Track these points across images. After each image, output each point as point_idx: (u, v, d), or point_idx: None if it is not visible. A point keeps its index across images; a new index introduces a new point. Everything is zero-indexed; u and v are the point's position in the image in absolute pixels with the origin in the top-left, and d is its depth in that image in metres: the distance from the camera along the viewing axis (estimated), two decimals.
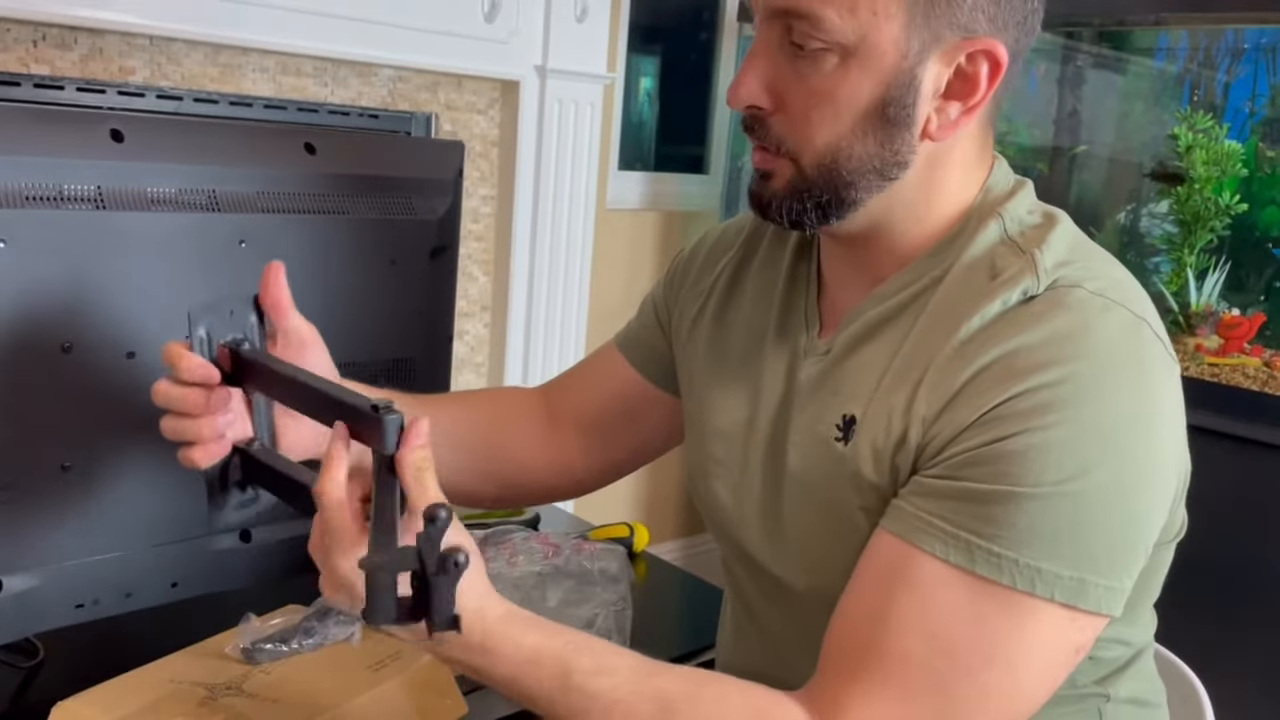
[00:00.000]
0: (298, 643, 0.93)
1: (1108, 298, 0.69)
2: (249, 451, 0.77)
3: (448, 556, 0.58)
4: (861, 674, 0.66)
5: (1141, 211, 2.22)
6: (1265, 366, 1.81)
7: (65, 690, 0.84)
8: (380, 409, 0.64)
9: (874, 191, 0.72)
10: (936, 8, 0.67)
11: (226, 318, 0.76)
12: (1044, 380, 0.65)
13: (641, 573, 1.31)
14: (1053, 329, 0.67)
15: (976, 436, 0.66)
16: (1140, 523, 0.68)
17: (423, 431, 0.65)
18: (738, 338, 0.87)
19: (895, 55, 0.68)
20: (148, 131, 0.88)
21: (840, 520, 0.73)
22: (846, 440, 0.73)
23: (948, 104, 0.71)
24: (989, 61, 0.69)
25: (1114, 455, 0.65)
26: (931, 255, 0.75)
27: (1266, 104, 2.05)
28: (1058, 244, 0.72)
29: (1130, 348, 0.68)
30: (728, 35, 2.47)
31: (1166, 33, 2.18)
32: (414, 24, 1.73)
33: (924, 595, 0.66)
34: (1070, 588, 0.65)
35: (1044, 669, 0.67)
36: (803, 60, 0.69)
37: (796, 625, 0.79)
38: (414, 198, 1.04)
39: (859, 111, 0.70)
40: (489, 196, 2.01)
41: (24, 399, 0.81)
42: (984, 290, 0.70)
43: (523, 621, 0.68)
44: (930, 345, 0.70)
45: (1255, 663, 1.69)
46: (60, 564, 0.86)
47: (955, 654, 0.65)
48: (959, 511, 0.66)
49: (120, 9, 1.43)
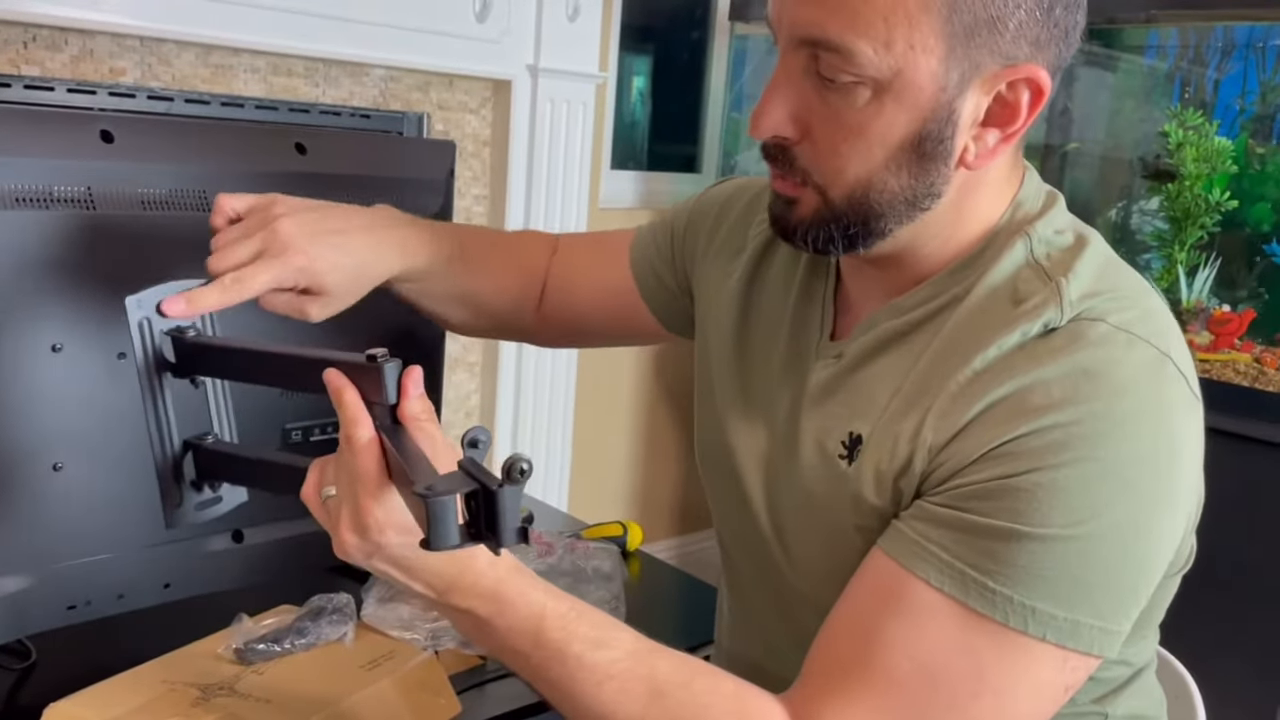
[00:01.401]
0: (290, 643, 0.93)
1: (1132, 333, 0.66)
2: (204, 446, 0.74)
3: (513, 465, 0.56)
4: (843, 688, 0.66)
5: (1133, 208, 2.22)
6: (1256, 362, 1.81)
7: (58, 692, 0.84)
8: (379, 358, 0.63)
9: (905, 221, 0.69)
10: (977, 38, 0.63)
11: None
12: (1058, 420, 0.63)
13: (635, 571, 1.31)
14: (1071, 365, 0.64)
15: (984, 470, 0.64)
16: (1144, 567, 0.66)
17: (418, 380, 0.65)
18: (759, 329, 0.84)
19: (933, 89, 0.64)
20: (138, 132, 0.88)
21: (837, 535, 0.73)
22: (851, 460, 0.72)
23: (986, 131, 0.67)
24: (1030, 88, 0.66)
25: (1124, 500, 0.63)
26: (954, 273, 0.72)
27: (1257, 101, 2.06)
28: (1085, 271, 0.68)
29: (1151, 387, 0.65)
30: (720, 34, 2.48)
31: (1157, 30, 2.18)
32: (405, 24, 1.73)
33: (915, 621, 0.65)
34: (1064, 629, 0.63)
35: (1031, 707, 0.66)
36: (832, 92, 0.65)
37: (791, 624, 0.79)
38: (405, 198, 1.04)
39: (893, 147, 0.66)
40: (482, 196, 2.01)
41: (14, 399, 0.81)
42: (1005, 318, 0.67)
43: (531, 577, 0.68)
44: (944, 371, 0.68)
45: (1247, 657, 1.69)
46: (52, 565, 0.86)
47: (940, 683, 0.64)
48: (959, 542, 0.64)
49: (111, 10, 1.42)
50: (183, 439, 0.76)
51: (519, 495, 0.57)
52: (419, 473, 0.59)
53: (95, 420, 0.84)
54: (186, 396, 0.77)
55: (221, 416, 0.77)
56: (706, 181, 2.51)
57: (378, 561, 0.65)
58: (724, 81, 2.50)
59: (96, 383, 0.83)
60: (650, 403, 2.51)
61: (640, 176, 2.41)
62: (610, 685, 0.66)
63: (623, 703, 0.66)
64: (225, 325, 0.79)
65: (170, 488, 0.74)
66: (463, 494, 0.57)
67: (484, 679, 0.99)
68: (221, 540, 0.95)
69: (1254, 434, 1.69)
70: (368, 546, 0.63)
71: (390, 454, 0.62)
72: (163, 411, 0.76)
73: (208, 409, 0.76)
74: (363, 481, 0.62)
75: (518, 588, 0.67)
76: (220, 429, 0.77)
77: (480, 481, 0.57)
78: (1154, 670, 0.84)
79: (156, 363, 0.75)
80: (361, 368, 0.65)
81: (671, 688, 0.67)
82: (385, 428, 0.63)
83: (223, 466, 0.76)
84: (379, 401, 0.64)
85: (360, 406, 0.64)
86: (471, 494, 0.57)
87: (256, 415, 0.90)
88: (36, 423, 0.82)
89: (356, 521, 0.63)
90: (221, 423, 0.77)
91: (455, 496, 0.57)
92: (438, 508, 0.56)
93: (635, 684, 0.66)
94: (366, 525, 0.62)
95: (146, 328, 0.73)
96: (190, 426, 0.77)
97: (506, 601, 0.66)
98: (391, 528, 0.62)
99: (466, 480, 0.57)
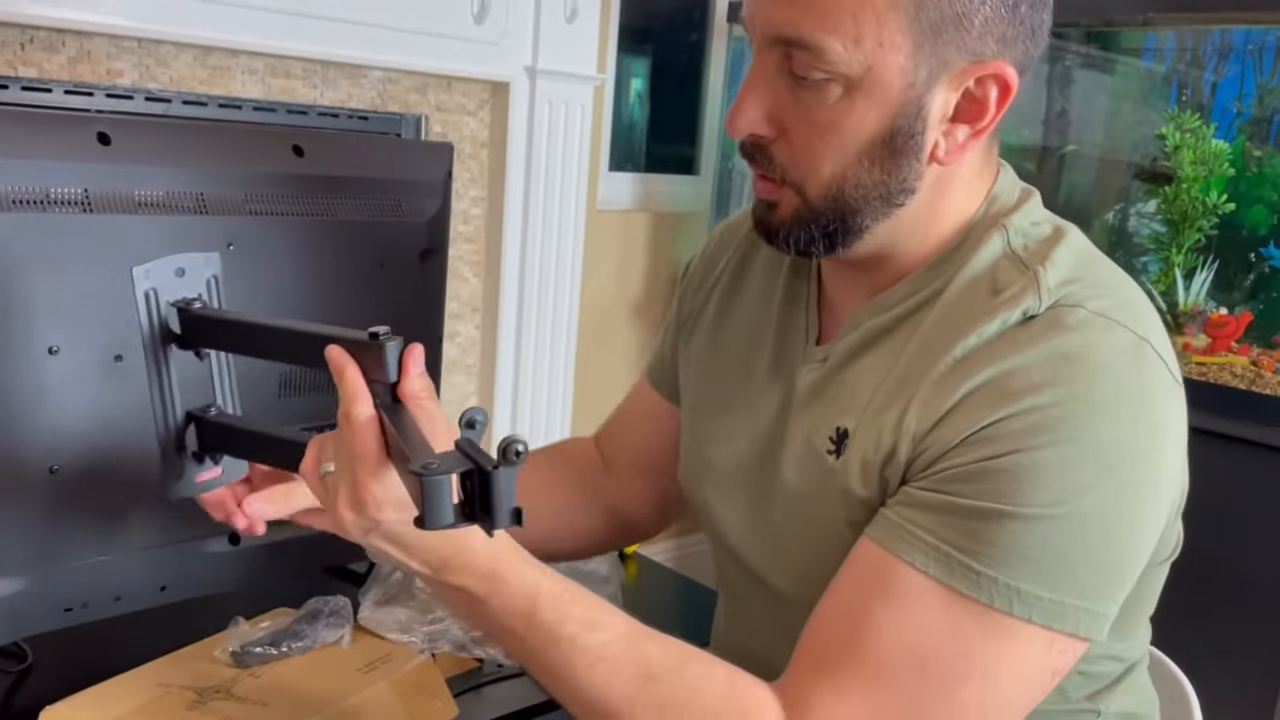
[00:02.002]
0: (287, 646, 0.93)
1: (1109, 318, 0.67)
2: (206, 418, 0.74)
3: (509, 446, 0.56)
4: (834, 673, 0.66)
5: (1130, 211, 2.22)
6: (1252, 365, 1.82)
7: (54, 695, 0.84)
8: (381, 336, 0.63)
9: (881, 218, 0.71)
10: (944, 34, 0.65)
11: (174, 278, 0.74)
12: (1038, 402, 0.64)
13: (632, 574, 1.31)
14: (1050, 350, 0.65)
15: (966, 454, 0.65)
16: (1129, 549, 0.67)
17: (419, 358, 0.65)
18: (737, 340, 0.86)
19: (902, 85, 0.66)
20: (135, 134, 0.88)
21: (827, 531, 0.73)
22: (839, 454, 0.73)
23: (956, 127, 0.69)
24: (998, 85, 0.67)
25: (1107, 480, 0.64)
26: (932, 268, 0.73)
27: (1254, 104, 2.06)
28: (1063, 260, 0.70)
29: (1130, 370, 0.66)
30: (718, 36, 2.48)
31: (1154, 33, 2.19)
32: (403, 25, 1.73)
33: (902, 604, 0.65)
34: (1049, 610, 0.64)
35: (1019, 689, 0.66)
36: (804, 90, 0.67)
37: (782, 624, 0.79)
38: (403, 199, 1.04)
39: (865, 142, 0.68)
40: (479, 198, 2.01)
41: (11, 402, 0.81)
42: (984, 308, 0.68)
43: (527, 556, 0.68)
44: (925, 361, 0.69)
45: (1243, 661, 1.69)
46: (48, 568, 0.85)
47: (928, 665, 0.65)
48: (944, 525, 0.65)
49: (108, 11, 1.42)
50: (185, 410, 0.76)
51: (514, 476, 0.57)
52: (416, 451, 0.59)
53: (92, 423, 0.84)
54: (191, 368, 0.77)
55: (225, 389, 0.77)
56: (705, 184, 2.52)
57: (374, 538, 0.65)
58: (722, 83, 2.50)
59: (93, 385, 0.83)
60: None
61: (638, 178, 2.41)
62: (602, 667, 0.66)
63: (614, 685, 0.66)
64: (230, 300, 0.79)
65: (171, 458, 0.74)
66: (458, 473, 0.57)
67: (481, 682, 0.99)
68: (218, 542, 0.95)
69: (1251, 437, 1.69)
70: (365, 523, 0.64)
71: (389, 432, 0.62)
72: (166, 382, 0.76)
73: (212, 381, 0.76)
74: (361, 459, 0.63)
75: (513, 566, 0.67)
76: (223, 401, 0.77)
77: (476, 462, 0.57)
78: (1146, 667, 0.84)
79: (161, 334, 0.75)
80: (363, 345, 0.64)
81: (663, 671, 0.67)
82: (385, 405, 0.63)
83: (224, 439, 0.76)
84: (380, 379, 0.64)
85: (361, 383, 0.64)
86: (467, 474, 0.57)
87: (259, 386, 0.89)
88: (33, 425, 0.82)
89: (354, 498, 0.63)
90: (225, 395, 0.77)
91: (450, 476, 0.57)
92: (432, 487, 0.56)
93: (627, 666, 0.67)
94: (364, 502, 0.63)
95: (153, 298, 0.73)
96: (193, 398, 0.77)
97: (501, 580, 0.66)
98: (389, 505, 0.63)
99: (462, 460, 0.57)
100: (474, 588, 0.67)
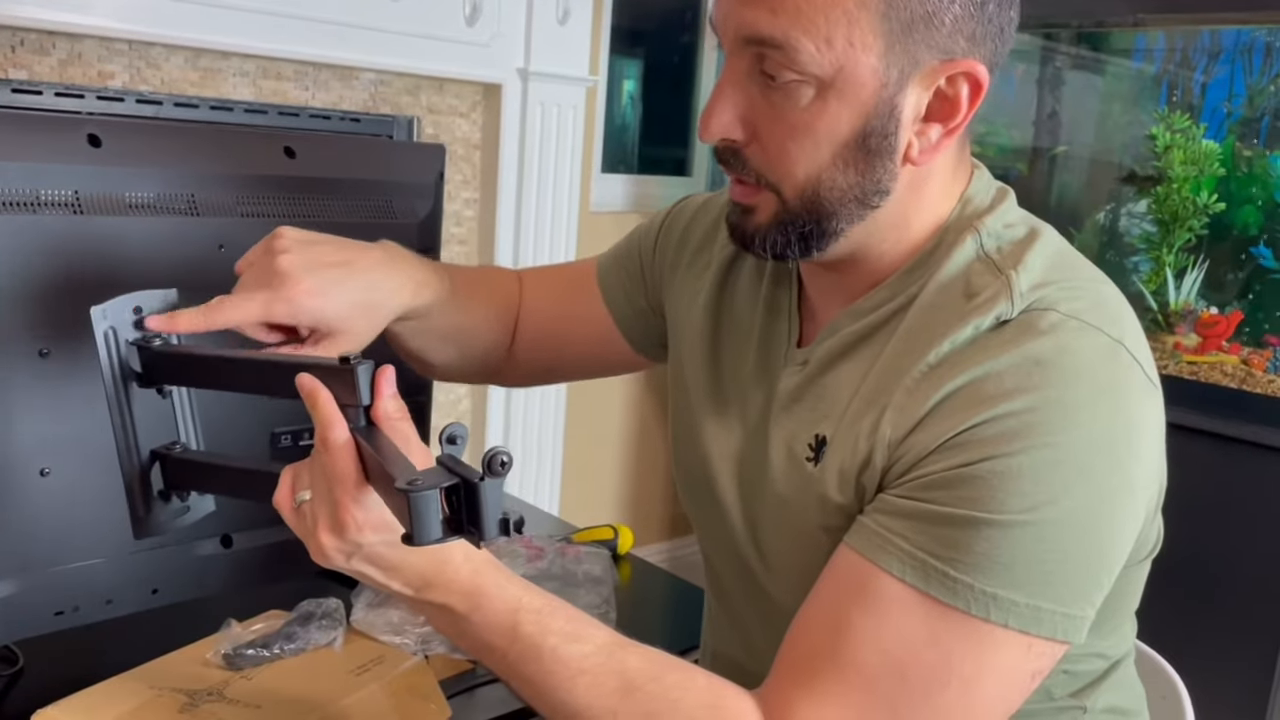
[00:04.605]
0: (279, 648, 0.93)
1: (1083, 320, 0.67)
2: (171, 455, 0.74)
3: (494, 457, 0.56)
4: (814, 681, 0.66)
5: (1121, 211, 2.23)
6: (1243, 364, 1.82)
7: (45, 698, 0.84)
8: (351, 360, 0.64)
9: (856, 220, 0.71)
10: (914, 33, 0.65)
11: (130, 316, 0.74)
12: (1012, 408, 0.64)
13: (626, 575, 1.31)
14: (1022, 355, 0.65)
15: (941, 460, 0.65)
16: (1105, 553, 0.67)
17: (391, 379, 0.65)
18: (731, 333, 0.86)
19: (874, 85, 0.66)
20: (126, 136, 0.88)
21: (808, 536, 0.73)
22: (817, 461, 0.73)
23: (928, 127, 0.69)
24: (969, 83, 0.67)
25: (1082, 485, 0.64)
26: (908, 272, 0.73)
27: (1244, 104, 2.07)
28: (1035, 263, 0.69)
29: (1104, 374, 0.66)
30: (709, 37, 2.48)
31: (1144, 34, 2.19)
32: (395, 27, 1.73)
33: (880, 612, 0.65)
34: (1026, 615, 0.64)
35: (999, 694, 0.67)
36: (776, 92, 0.67)
37: (768, 625, 0.79)
38: (395, 201, 1.04)
39: (839, 144, 0.67)
40: (472, 200, 2.01)
41: (2, 405, 0.81)
42: (957, 313, 0.68)
43: (508, 572, 0.69)
44: (900, 368, 0.69)
45: (1233, 658, 1.70)
46: (40, 571, 0.85)
47: (908, 673, 0.65)
48: (920, 532, 0.65)
49: (99, 13, 1.42)
50: (150, 449, 0.75)
51: (500, 488, 0.57)
52: (399, 469, 0.59)
53: (83, 425, 0.83)
54: (153, 406, 0.77)
55: (188, 425, 0.77)
56: (697, 185, 2.52)
57: (356, 562, 0.65)
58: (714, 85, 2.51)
59: (84, 388, 0.83)
60: (641, 406, 2.51)
61: (631, 180, 2.41)
62: (583, 680, 0.66)
63: (596, 697, 0.66)
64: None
65: (138, 498, 0.74)
66: (443, 488, 0.57)
67: (474, 684, 0.99)
68: (210, 545, 0.95)
69: (1242, 435, 1.70)
70: (347, 547, 0.64)
71: (366, 454, 0.63)
72: (129, 422, 0.76)
73: (175, 418, 0.76)
74: (340, 482, 0.63)
75: (494, 581, 0.67)
76: (187, 438, 0.77)
77: (461, 475, 0.57)
78: (1132, 663, 0.84)
79: (122, 373, 0.75)
80: (334, 370, 0.65)
81: (643, 681, 0.67)
82: (360, 429, 0.64)
83: (191, 475, 0.76)
84: (353, 403, 0.64)
85: (334, 408, 0.64)
86: (452, 488, 0.58)
87: (243, 421, 0.90)
88: (24, 428, 0.82)
89: (335, 522, 0.63)
90: (189, 431, 0.77)
91: (437, 490, 0.57)
92: (420, 502, 0.56)
93: (608, 678, 0.67)
94: (345, 524, 0.63)
95: (112, 338, 0.73)
96: (157, 436, 0.77)
97: (484, 596, 0.67)
98: (370, 527, 0.63)
99: (447, 475, 0.58)
100: (457, 605, 0.67)
